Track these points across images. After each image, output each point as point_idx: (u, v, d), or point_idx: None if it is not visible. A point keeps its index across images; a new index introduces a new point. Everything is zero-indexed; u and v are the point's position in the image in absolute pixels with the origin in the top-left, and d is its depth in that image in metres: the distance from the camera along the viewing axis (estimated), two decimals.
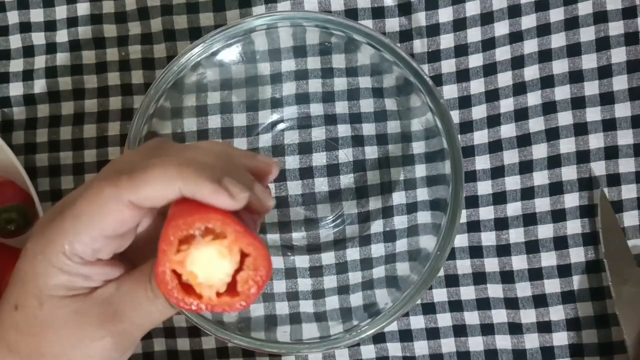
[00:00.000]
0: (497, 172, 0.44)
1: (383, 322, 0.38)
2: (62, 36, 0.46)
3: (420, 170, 0.43)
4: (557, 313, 0.43)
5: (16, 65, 0.46)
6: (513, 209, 0.43)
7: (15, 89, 0.46)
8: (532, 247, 0.43)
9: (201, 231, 0.24)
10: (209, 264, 0.25)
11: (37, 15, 0.46)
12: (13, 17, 0.47)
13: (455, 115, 0.44)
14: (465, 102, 0.44)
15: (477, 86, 0.44)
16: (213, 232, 0.25)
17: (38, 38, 0.47)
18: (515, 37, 0.43)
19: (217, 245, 0.24)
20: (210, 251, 0.25)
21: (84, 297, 0.26)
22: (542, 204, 0.43)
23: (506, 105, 0.43)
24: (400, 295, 0.40)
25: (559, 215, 0.43)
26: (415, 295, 0.37)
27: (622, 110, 0.43)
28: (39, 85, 0.46)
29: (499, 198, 0.44)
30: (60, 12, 0.46)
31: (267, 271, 0.25)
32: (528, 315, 0.43)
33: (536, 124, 0.43)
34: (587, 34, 0.43)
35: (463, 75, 0.44)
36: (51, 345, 0.26)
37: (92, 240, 0.25)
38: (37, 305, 0.26)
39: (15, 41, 0.47)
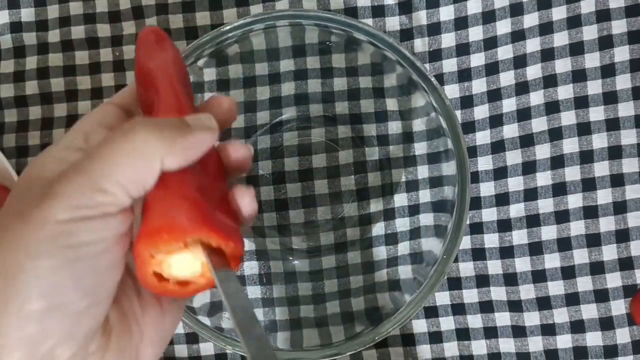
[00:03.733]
0: (500, 173, 0.43)
1: (388, 328, 0.37)
2: (54, 36, 0.45)
3: (423, 172, 0.42)
4: (561, 315, 0.43)
5: (7, 66, 0.45)
6: (516, 210, 0.43)
7: (6, 91, 0.45)
8: (535, 248, 0.43)
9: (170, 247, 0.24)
10: (185, 262, 0.24)
11: (28, 14, 0.45)
12: (3, 16, 0.45)
13: (457, 116, 0.43)
14: (467, 102, 0.43)
15: (479, 86, 0.43)
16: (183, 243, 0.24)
17: (29, 38, 0.45)
18: (518, 35, 0.43)
19: (189, 253, 0.24)
20: (184, 256, 0.24)
21: None
22: (545, 205, 0.43)
23: (508, 105, 0.43)
24: (402, 299, 0.40)
25: (562, 217, 0.43)
26: (421, 300, 0.36)
27: (626, 109, 0.42)
28: (31, 87, 0.45)
29: (502, 199, 0.43)
30: (52, 11, 0.45)
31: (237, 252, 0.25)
32: (532, 318, 0.43)
33: (539, 124, 0.43)
34: (590, 32, 0.42)
35: (465, 75, 0.43)
36: None
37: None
38: None
39: (5, 41, 0.45)
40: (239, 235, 0.25)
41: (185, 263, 0.24)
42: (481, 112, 0.43)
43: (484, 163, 0.43)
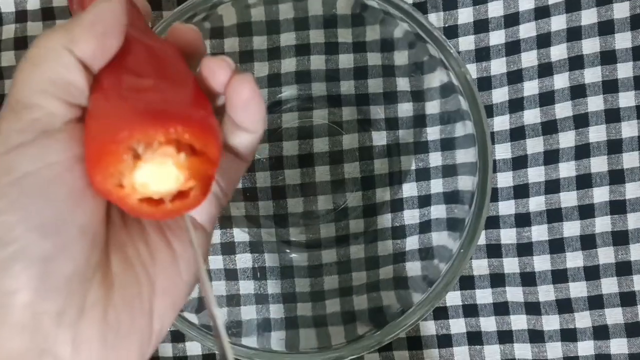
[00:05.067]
0: (519, 163, 0.40)
1: (395, 330, 0.33)
2: (34, 3, 0.42)
3: (436, 159, 0.38)
4: (583, 320, 0.39)
5: None
6: (536, 203, 0.40)
7: None
8: (556, 246, 0.40)
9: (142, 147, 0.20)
10: (157, 173, 0.21)
11: None
12: None
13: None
14: (484, 84, 0.40)
15: (498, 66, 0.40)
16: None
17: (7, 5, 0.42)
18: (542, 12, 0.39)
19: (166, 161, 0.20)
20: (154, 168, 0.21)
21: None
22: (568, 199, 0.39)
23: (530, 88, 0.39)
24: (410, 298, 0.36)
25: (586, 211, 0.39)
26: (434, 299, 0.33)
27: None
28: (7, 58, 0.42)
29: (521, 191, 0.40)
30: None
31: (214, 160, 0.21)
32: (551, 322, 0.40)
33: (563, 110, 0.39)
34: (621, 10, 0.39)
35: (483, 54, 0.40)
36: None
37: None
38: None
39: None
40: (208, 125, 0.21)
41: (162, 174, 0.21)
42: (500, 95, 0.40)
43: (502, 151, 0.40)
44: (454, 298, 0.40)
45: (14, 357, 0.19)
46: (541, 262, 0.40)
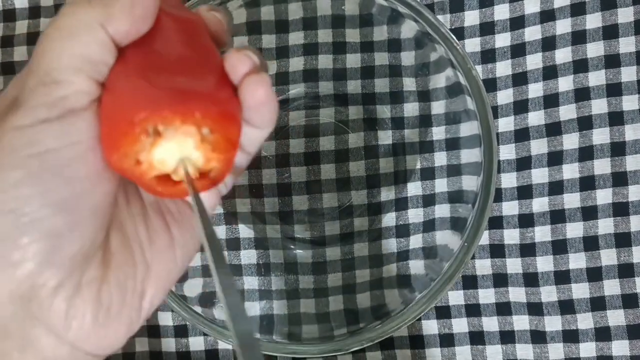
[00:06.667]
0: (523, 164, 0.40)
1: (398, 323, 0.33)
2: (47, 0, 0.42)
3: (441, 158, 0.39)
4: (585, 321, 0.39)
5: None
6: (539, 204, 0.40)
7: None
8: (559, 247, 0.39)
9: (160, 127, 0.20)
10: (177, 152, 0.21)
11: None
12: None
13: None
14: (490, 85, 0.40)
15: (503, 68, 0.40)
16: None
17: (21, 1, 0.42)
18: (547, 15, 0.40)
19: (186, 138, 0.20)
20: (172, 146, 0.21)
21: None
22: (571, 200, 0.39)
23: (535, 90, 0.40)
24: (413, 296, 0.36)
25: (589, 213, 0.39)
26: (437, 293, 0.33)
27: None
28: (20, 53, 0.42)
29: (525, 192, 0.40)
30: None
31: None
32: (553, 323, 0.39)
33: (567, 112, 0.39)
34: (625, 14, 0.39)
35: (489, 56, 0.40)
36: None
37: None
38: None
39: None
40: (229, 110, 0.21)
41: (182, 152, 0.21)
42: (505, 96, 0.40)
43: (507, 152, 0.40)
44: (456, 297, 0.40)
45: (6, 321, 0.20)
46: (544, 263, 0.40)
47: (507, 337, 0.40)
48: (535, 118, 0.40)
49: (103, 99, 0.20)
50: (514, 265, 0.40)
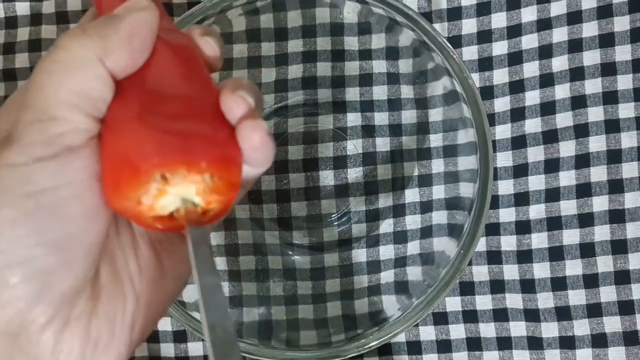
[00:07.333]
0: (520, 171, 0.40)
1: (396, 328, 0.34)
2: (48, 7, 0.42)
3: (438, 165, 0.39)
4: (581, 327, 0.39)
5: None
6: (536, 211, 0.40)
7: None
8: (556, 253, 0.40)
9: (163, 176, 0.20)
10: (179, 197, 0.21)
11: None
12: None
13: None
14: (487, 93, 0.40)
15: (500, 76, 0.40)
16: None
17: (22, 8, 0.43)
18: (544, 24, 0.40)
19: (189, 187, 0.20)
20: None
21: None
22: (568, 207, 0.40)
23: (532, 97, 0.40)
24: (410, 302, 0.36)
25: (586, 220, 0.40)
26: (434, 299, 0.33)
27: None
28: (21, 60, 0.42)
29: (521, 199, 0.40)
30: None
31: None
32: (549, 329, 0.40)
33: (564, 120, 0.40)
34: (621, 23, 0.40)
35: (486, 64, 0.40)
36: None
37: None
38: None
39: None
40: (231, 155, 0.20)
41: (184, 198, 0.21)
42: (502, 104, 0.40)
43: (504, 159, 0.40)
44: (454, 303, 0.40)
45: None
46: (541, 270, 0.40)
47: (504, 343, 0.40)
48: (532, 125, 0.40)
49: (104, 139, 0.20)
50: (510, 271, 0.40)
